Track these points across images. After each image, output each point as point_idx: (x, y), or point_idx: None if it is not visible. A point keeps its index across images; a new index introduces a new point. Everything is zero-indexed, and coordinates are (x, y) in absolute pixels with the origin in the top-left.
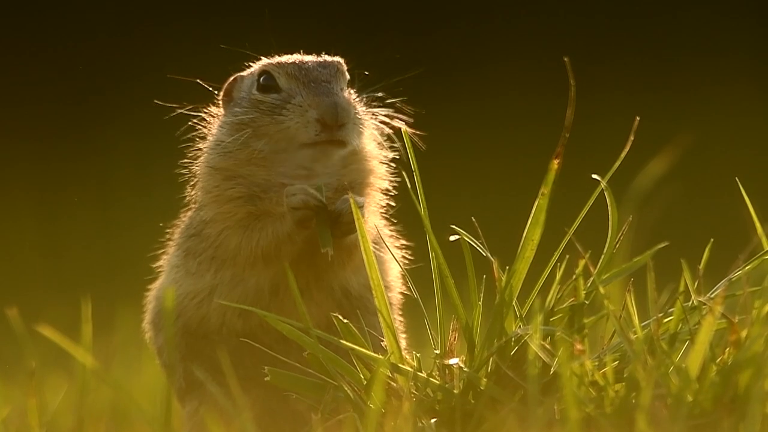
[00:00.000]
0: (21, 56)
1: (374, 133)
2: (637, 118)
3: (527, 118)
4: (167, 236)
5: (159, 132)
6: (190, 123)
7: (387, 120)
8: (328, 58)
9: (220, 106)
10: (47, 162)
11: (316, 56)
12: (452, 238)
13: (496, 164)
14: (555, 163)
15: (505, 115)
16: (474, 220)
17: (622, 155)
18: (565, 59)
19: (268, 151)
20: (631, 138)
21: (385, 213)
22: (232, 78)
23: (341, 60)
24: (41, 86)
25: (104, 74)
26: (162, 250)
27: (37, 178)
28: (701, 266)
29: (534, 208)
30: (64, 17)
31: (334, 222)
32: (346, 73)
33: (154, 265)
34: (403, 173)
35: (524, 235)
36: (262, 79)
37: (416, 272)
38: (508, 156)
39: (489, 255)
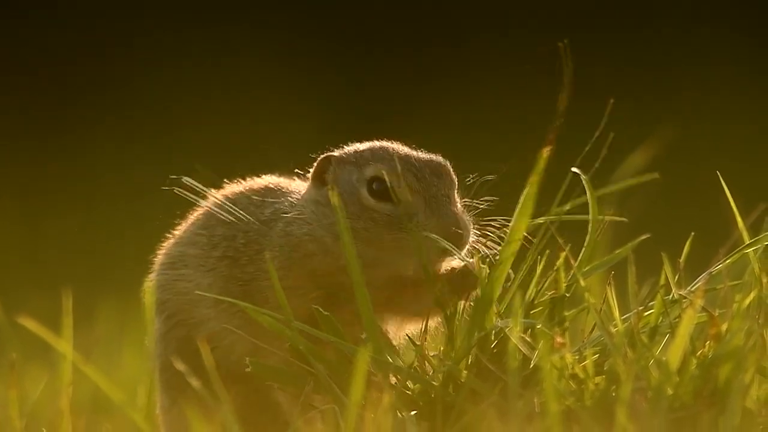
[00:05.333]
0: (5, 57)
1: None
2: (611, 100)
3: (515, 107)
4: (157, 236)
5: (143, 132)
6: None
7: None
8: (435, 160)
9: (307, 179)
10: (30, 158)
11: (420, 153)
12: None
13: (481, 154)
14: (546, 151)
15: (493, 105)
16: None
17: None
18: (560, 44)
19: (371, 256)
20: (605, 121)
21: None
22: (323, 157)
23: (446, 162)
24: (26, 85)
25: (90, 75)
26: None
27: (19, 173)
28: (682, 260)
29: (522, 197)
30: (51, 19)
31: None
32: (455, 177)
33: (136, 262)
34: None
35: (512, 225)
36: (374, 185)
37: None
38: (492, 146)
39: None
